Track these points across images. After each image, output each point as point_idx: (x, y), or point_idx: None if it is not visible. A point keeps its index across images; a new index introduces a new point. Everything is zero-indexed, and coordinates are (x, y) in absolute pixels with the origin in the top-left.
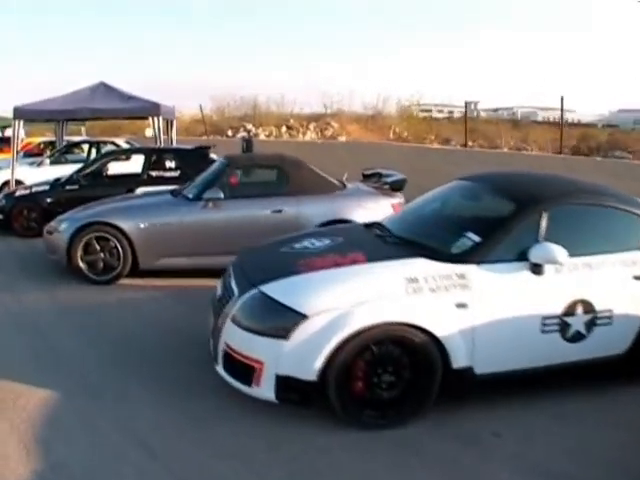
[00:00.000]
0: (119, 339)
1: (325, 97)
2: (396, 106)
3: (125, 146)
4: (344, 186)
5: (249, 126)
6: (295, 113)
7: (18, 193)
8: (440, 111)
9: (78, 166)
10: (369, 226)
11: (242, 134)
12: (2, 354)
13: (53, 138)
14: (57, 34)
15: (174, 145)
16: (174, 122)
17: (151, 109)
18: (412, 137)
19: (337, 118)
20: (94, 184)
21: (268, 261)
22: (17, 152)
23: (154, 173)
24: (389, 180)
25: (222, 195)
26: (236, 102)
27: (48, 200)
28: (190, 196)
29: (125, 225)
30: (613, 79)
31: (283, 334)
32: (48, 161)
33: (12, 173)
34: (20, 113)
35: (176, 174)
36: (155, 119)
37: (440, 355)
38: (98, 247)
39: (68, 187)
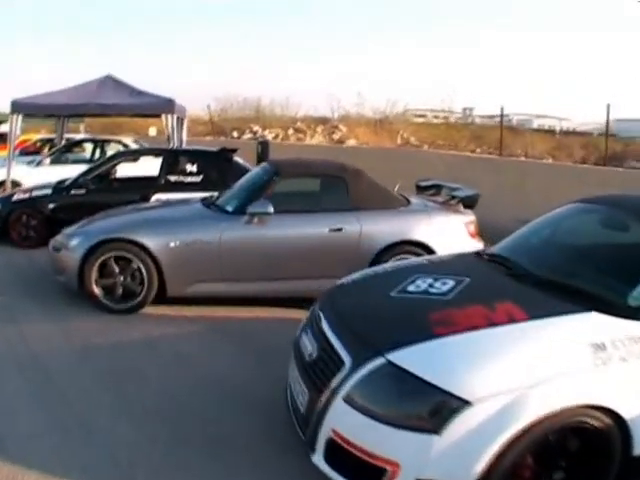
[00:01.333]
0: (161, 401)
1: (332, 100)
2: (394, 112)
3: (134, 146)
4: (408, 201)
5: (255, 127)
6: (299, 116)
7: (16, 197)
8: (436, 117)
9: (80, 167)
10: (481, 256)
11: (248, 135)
12: (4, 419)
13: (50, 135)
14: (50, 31)
15: (190, 146)
16: (184, 121)
17: (165, 106)
18: (420, 142)
19: (345, 122)
20: (103, 189)
21: (382, 312)
22: (14, 150)
23: (172, 178)
24: (462, 195)
25: (272, 209)
26: (239, 103)
27: (50, 206)
28: (230, 209)
29: (151, 243)
30: (608, 88)
31: (431, 427)
32: (48, 160)
33: (8, 173)
34: (18, 107)
35: (197, 179)
36: (169, 117)
37: (621, 440)
38: (117, 269)
39: (73, 191)
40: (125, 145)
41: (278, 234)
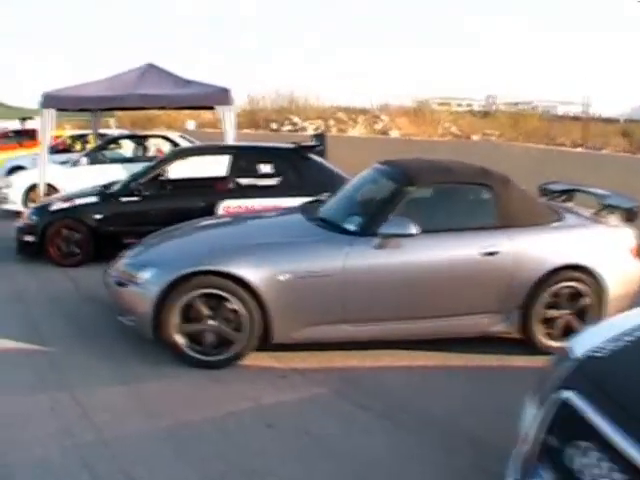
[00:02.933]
0: None
1: (368, 89)
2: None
3: (182, 142)
4: (558, 215)
5: (295, 119)
6: (335, 106)
7: (55, 206)
8: (459, 104)
9: (122, 167)
10: None
11: (288, 127)
12: None
13: (80, 131)
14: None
15: (260, 143)
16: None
17: (220, 96)
18: (462, 132)
19: (385, 111)
20: (160, 195)
21: None
22: (48, 149)
23: (244, 181)
24: (622, 205)
25: (415, 230)
26: (270, 95)
27: (97, 216)
28: (351, 228)
29: (254, 276)
30: (631, 74)
31: None
32: (85, 160)
33: (42, 176)
34: (51, 101)
35: (273, 182)
36: (224, 109)
37: None
38: (206, 311)
39: (124, 199)
40: (171, 141)
41: (418, 261)
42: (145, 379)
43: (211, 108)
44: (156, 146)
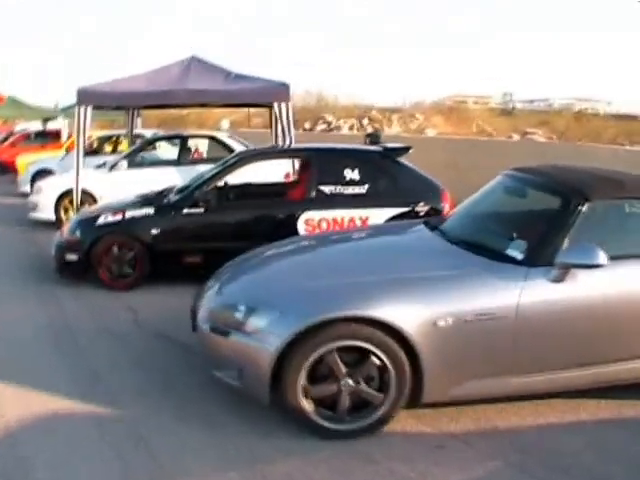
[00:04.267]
0: None
1: (401, 88)
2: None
3: (232, 143)
4: None
5: (329, 117)
6: (363, 105)
7: (102, 220)
8: (476, 102)
9: (163, 171)
10: None
11: (322, 127)
12: None
13: (109, 132)
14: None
15: (343, 145)
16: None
17: (279, 92)
18: (496, 131)
19: (419, 110)
20: (228, 205)
21: None
22: (83, 150)
23: (327, 188)
24: None
25: (605, 259)
26: (299, 94)
27: (154, 232)
28: (519, 256)
29: (407, 322)
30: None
31: None
32: (125, 163)
33: (77, 182)
34: (87, 97)
35: (362, 190)
36: (283, 106)
37: None
38: (343, 369)
39: (187, 210)
40: (220, 142)
41: (602, 296)
42: (265, 458)
43: (263, 106)
44: (195, 147)
